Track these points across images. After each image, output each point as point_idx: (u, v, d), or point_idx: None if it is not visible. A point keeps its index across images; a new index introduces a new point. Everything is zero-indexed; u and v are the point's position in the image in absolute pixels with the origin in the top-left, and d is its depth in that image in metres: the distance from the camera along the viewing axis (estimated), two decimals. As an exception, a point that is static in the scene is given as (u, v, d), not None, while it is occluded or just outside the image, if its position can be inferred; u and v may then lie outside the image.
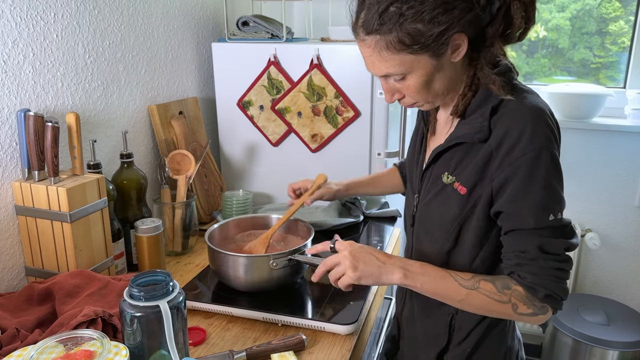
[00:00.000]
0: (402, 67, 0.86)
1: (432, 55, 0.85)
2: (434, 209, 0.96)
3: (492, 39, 0.87)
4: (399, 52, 0.84)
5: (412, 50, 0.84)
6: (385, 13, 0.83)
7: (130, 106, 1.45)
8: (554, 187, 0.84)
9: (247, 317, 1.08)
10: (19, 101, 1.11)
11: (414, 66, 0.86)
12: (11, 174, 1.12)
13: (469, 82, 0.91)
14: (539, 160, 0.82)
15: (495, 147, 0.85)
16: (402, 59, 0.85)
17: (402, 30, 0.82)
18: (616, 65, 2.33)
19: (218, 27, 1.84)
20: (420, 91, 0.89)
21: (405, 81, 0.89)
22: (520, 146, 0.82)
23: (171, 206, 1.38)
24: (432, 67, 0.86)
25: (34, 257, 1.13)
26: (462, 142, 0.91)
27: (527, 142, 0.82)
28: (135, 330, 0.81)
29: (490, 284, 0.87)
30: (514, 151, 0.83)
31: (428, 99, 0.92)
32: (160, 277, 0.86)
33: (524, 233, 0.85)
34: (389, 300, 1.54)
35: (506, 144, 0.84)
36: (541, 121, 0.83)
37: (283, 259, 1.10)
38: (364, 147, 1.59)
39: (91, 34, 1.29)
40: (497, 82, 0.87)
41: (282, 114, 1.62)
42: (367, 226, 1.54)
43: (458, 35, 0.83)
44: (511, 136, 0.83)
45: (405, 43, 0.83)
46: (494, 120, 0.87)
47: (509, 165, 0.84)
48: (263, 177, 1.73)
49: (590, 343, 2.09)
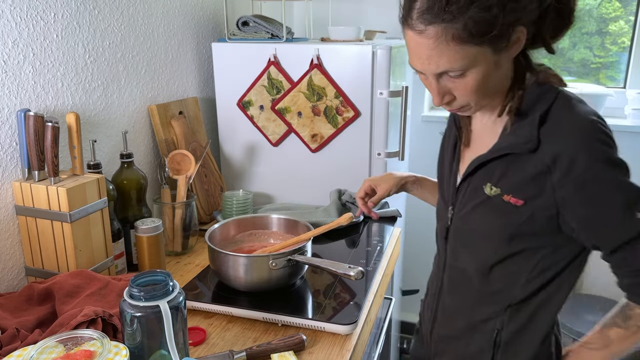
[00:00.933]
0: (465, 62, 0.78)
1: (495, 49, 0.78)
2: (475, 222, 0.91)
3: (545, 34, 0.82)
4: (465, 43, 0.76)
5: (478, 42, 0.76)
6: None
7: (130, 106, 1.45)
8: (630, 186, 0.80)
9: (247, 317, 1.08)
10: (19, 101, 1.11)
11: (476, 60, 0.78)
12: (11, 174, 1.12)
13: (519, 80, 0.86)
14: (605, 168, 0.79)
15: (552, 162, 0.81)
16: (467, 52, 0.77)
17: (470, 18, 0.74)
18: (616, 65, 2.33)
19: (218, 27, 1.84)
20: (477, 91, 0.83)
21: (463, 78, 0.81)
22: (582, 160, 0.78)
23: (171, 206, 1.38)
24: (492, 63, 0.80)
25: (34, 257, 1.13)
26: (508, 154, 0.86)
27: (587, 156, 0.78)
28: (135, 330, 0.81)
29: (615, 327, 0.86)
30: (576, 166, 0.79)
31: (481, 100, 0.86)
32: (160, 277, 0.86)
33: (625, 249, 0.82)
34: (389, 300, 1.54)
35: (565, 159, 0.79)
36: (595, 129, 0.80)
37: (283, 259, 1.10)
38: (364, 147, 1.59)
39: (91, 34, 1.29)
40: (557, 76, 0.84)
41: (282, 114, 1.62)
42: (367, 226, 1.54)
43: (520, 27, 0.78)
44: (567, 154, 0.79)
45: (473, 33, 0.75)
46: (543, 131, 0.82)
47: (573, 182, 0.80)
48: (263, 177, 1.73)
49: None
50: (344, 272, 1.02)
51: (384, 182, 1.23)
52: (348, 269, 1.02)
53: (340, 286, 1.18)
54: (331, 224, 1.20)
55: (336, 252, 1.39)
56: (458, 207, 0.95)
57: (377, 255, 1.35)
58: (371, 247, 1.40)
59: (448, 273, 1.01)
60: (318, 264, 1.08)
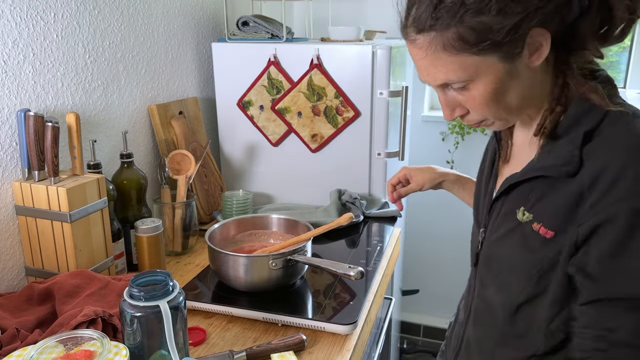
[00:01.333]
0: (465, 73, 0.69)
1: (504, 57, 0.68)
2: (505, 251, 0.79)
3: (586, 37, 0.68)
4: (460, 52, 0.68)
5: (477, 50, 0.67)
6: (442, 4, 0.67)
7: (130, 106, 1.45)
8: None
9: (247, 317, 1.08)
10: (19, 101, 1.11)
11: (479, 71, 0.69)
12: (11, 174, 1.12)
13: (557, 93, 0.72)
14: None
15: (589, 186, 0.66)
16: (464, 61, 0.69)
17: (464, 24, 0.66)
18: (616, 65, 2.33)
19: (218, 27, 1.84)
20: (489, 104, 0.72)
21: (468, 91, 0.72)
22: (621, 187, 0.63)
23: (171, 206, 1.38)
24: (504, 73, 0.69)
25: (34, 257, 1.13)
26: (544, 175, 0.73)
27: (632, 182, 0.63)
28: (135, 330, 0.81)
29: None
30: (611, 192, 0.64)
31: (500, 114, 0.74)
32: (160, 277, 0.86)
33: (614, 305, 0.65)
34: (389, 300, 1.54)
35: (602, 182, 0.65)
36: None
37: (283, 259, 1.10)
38: (364, 147, 1.59)
39: (91, 34, 1.29)
40: (600, 91, 0.69)
41: (282, 114, 1.62)
42: (367, 226, 1.54)
43: (538, 31, 0.66)
44: (610, 172, 0.64)
45: (468, 41, 0.67)
46: (587, 150, 0.68)
47: (603, 211, 0.64)
48: (263, 177, 1.73)
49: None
50: (344, 272, 1.02)
51: (419, 175, 1.13)
52: (348, 269, 1.02)
53: (340, 286, 1.18)
54: (331, 224, 1.19)
55: (336, 252, 1.39)
56: (490, 231, 0.83)
57: (377, 255, 1.35)
58: (371, 247, 1.40)
59: (475, 303, 0.89)
60: (318, 264, 1.08)
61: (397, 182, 1.19)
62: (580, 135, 0.69)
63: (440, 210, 2.46)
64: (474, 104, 0.73)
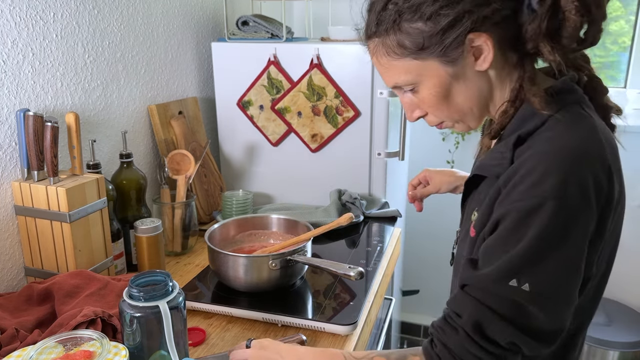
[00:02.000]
0: (409, 76, 0.74)
1: (445, 61, 0.71)
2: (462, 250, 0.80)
3: (534, 40, 0.68)
4: (402, 57, 0.72)
5: (416, 55, 0.71)
6: (383, 12, 0.71)
7: (130, 106, 1.45)
8: (541, 250, 0.62)
9: (247, 317, 1.08)
10: (19, 101, 1.11)
11: (423, 74, 0.73)
12: (10, 174, 1.12)
13: (512, 96, 0.72)
14: (536, 211, 0.62)
15: (503, 184, 0.68)
16: (407, 65, 0.73)
17: (402, 31, 0.70)
18: (617, 65, 2.33)
19: (218, 27, 1.84)
20: (438, 106, 0.75)
21: (418, 93, 0.76)
22: (520, 189, 0.64)
23: (171, 206, 1.38)
24: (447, 76, 0.72)
25: (33, 257, 1.13)
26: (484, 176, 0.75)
27: (530, 186, 0.63)
28: (135, 331, 0.81)
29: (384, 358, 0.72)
30: (512, 193, 0.65)
31: (452, 116, 0.77)
32: (160, 278, 0.86)
33: (470, 291, 0.67)
34: (389, 301, 1.54)
35: (511, 183, 0.66)
36: (562, 168, 0.62)
37: (283, 259, 1.10)
38: (364, 147, 1.59)
39: (91, 33, 1.28)
40: (540, 96, 0.68)
41: (282, 114, 1.62)
42: (367, 226, 1.54)
43: (476, 35, 0.69)
44: (519, 174, 0.65)
45: (406, 46, 0.71)
46: (517, 153, 0.69)
47: (501, 208, 0.67)
48: (263, 177, 1.73)
49: (590, 343, 2.09)
50: (344, 273, 1.02)
51: (437, 177, 1.14)
52: (348, 269, 1.02)
53: (340, 286, 1.18)
54: (331, 224, 1.19)
55: (336, 252, 1.38)
56: (460, 231, 0.86)
57: (377, 255, 1.35)
58: (371, 247, 1.40)
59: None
60: (318, 264, 1.08)
61: (418, 182, 1.19)
62: (514, 138, 0.70)
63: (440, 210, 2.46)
64: (426, 106, 0.77)
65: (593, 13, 0.66)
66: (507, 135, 0.73)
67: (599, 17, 0.66)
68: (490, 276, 0.65)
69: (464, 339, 0.66)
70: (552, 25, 0.67)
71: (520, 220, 0.64)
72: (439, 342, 0.68)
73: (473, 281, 0.67)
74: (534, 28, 0.67)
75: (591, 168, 0.64)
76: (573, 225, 0.62)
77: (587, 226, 0.64)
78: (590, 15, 0.66)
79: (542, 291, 0.63)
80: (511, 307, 0.63)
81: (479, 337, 0.65)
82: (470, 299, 0.67)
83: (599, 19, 0.66)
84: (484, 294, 0.65)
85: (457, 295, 0.69)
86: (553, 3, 0.66)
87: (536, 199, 0.62)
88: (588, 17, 0.66)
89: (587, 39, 0.68)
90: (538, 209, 0.62)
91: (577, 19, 0.65)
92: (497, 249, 0.66)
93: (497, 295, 0.64)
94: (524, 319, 0.63)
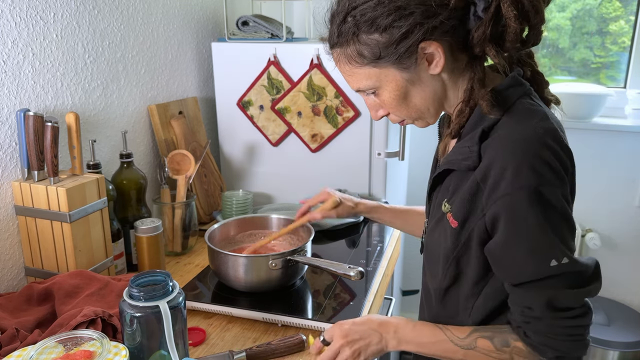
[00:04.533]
0: (369, 82, 0.80)
1: (401, 68, 0.78)
2: (435, 240, 0.87)
3: (480, 45, 0.75)
4: (362, 65, 0.79)
5: (374, 64, 0.78)
6: (343, 25, 0.78)
7: (130, 106, 1.45)
8: (548, 229, 0.71)
9: (247, 317, 1.08)
10: (19, 101, 1.11)
11: (382, 80, 0.80)
12: (11, 174, 1.12)
13: (466, 96, 0.79)
14: (526, 200, 0.71)
15: (481, 179, 0.75)
16: (367, 72, 0.80)
17: (360, 41, 0.77)
18: (616, 65, 2.33)
19: (218, 27, 1.84)
20: (398, 107, 0.82)
21: (379, 96, 0.83)
22: (504, 183, 0.72)
23: (171, 206, 1.38)
24: (403, 81, 0.79)
25: (33, 257, 1.13)
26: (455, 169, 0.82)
27: (511, 179, 0.71)
28: (135, 331, 0.81)
29: (489, 341, 0.78)
30: (498, 188, 0.72)
31: (412, 115, 0.84)
32: (160, 278, 0.86)
33: (527, 286, 0.74)
34: (389, 301, 1.54)
35: (491, 177, 0.73)
36: (529, 154, 0.71)
37: (282, 259, 1.10)
38: (364, 147, 1.59)
39: (91, 33, 1.28)
40: (486, 98, 0.76)
41: (282, 114, 1.62)
42: (367, 226, 1.54)
43: (428, 43, 0.75)
44: (495, 169, 0.73)
45: (364, 55, 0.78)
46: (484, 146, 0.76)
47: (494, 204, 0.73)
48: (263, 177, 1.73)
49: (590, 343, 2.09)
50: (343, 272, 1.02)
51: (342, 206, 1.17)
52: (348, 269, 1.02)
53: (340, 286, 1.18)
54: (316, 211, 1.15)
55: (336, 252, 1.39)
56: (429, 221, 0.92)
57: (377, 255, 1.35)
58: (371, 247, 1.40)
59: (423, 291, 0.99)
60: (318, 264, 1.08)
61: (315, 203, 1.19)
62: (479, 132, 0.77)
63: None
64: (387, 107, 0.84)
65: (532, 19, 0.73)
66: (467, 132, 0.80)
67: (538, 21, 0.74)
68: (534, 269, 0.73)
69: (548, 320, 0.74)
70: (495, 31, 0.74)
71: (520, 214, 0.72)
72: (531, 332, 0.76)
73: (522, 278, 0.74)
74: (479, 34, 0.74)
75: (552, 149, 0.72)
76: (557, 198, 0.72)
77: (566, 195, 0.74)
78: (529, 22, 0.73)
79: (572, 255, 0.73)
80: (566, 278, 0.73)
81: (557, 312, 0.74)
82: (531, 292, 0.74)
83: (538, 23, 0.74)
84: (539, 282, 0.73)
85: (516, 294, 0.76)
86: (496, 12, 0.73)
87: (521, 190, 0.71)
88: (527, 23, 0.74)
89: (529, 40, 0.76)
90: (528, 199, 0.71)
91: (517, 26, 0.72)
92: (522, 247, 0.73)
93: (549, 278, 0.73)
94: (577, 281, 0.73)
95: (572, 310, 0.74)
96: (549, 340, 0.75)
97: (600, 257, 2.39)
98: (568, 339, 0.75)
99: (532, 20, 0.73)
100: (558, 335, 0.74)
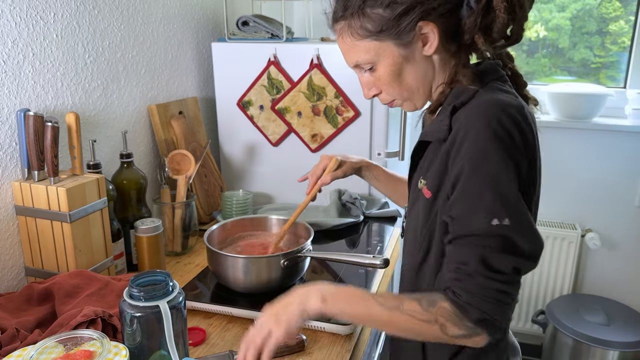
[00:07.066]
0: (368, 55, 0.86)
1: (398, 44, 0.83)
2: (412, 219, 0.90)
3: (470, 32, 0.81)
4: (364, 38, 0.85)
5: (376, 37, 0.84)
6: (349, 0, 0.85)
7: (130, 106, 1.45)
8: (497, 187, 0.74)
9: (247, 317, 1.08)
10: (19, 101, 1.11)
11: (380, 54, 0.85)
12: (11, 174, 1.12)
13: (449, 79, 0.86)
14: (485, 158, 0.74)
15: (450, 145, 0.79)
16: (368, 46, 0.85)
17: (365, 15, 0.83)
18: (616, 65, 2.33)
19: (218, 27, 1.84)
20: (392, 84, 0.88)
21: (375, 72, 0.88)
22: (467, 143, 0.76)
23: (171, 206, 1.38)
24: (399, 57, 0.85)
25: (33, 257, 1.13)
26: (429, 143, 0.87)
27: (474, 138, 0.75)
28: (135, 331, 0.81)
29: (416, 302, 0.77)
30: (462, 148, 0.76)
31: (403, 94, 0.89)
32: (160, 277, 0.86)
33: (465, 241, 0.75)
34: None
35: (457, 141, 0.77)
36: (494, 117, 0.75)
37: (282, 260, 1.10)
38: (364, 147, 1.59)
39: (91, 33, 1.28)
40: (468, 75, 0.83)
41: (282, 114, 1.62)
42: (367, 226, 1.54)
43: (425, 23, 0.81)
44: (461, 132, 0.77)
45: (368, 29, 0.84)
46: (454, 119, 0.81)
47: (455, 165, 0.77)
48: (263, 177, 1.73)
49: (590, 343, 2.09)
50: (370, 262, 1.04)
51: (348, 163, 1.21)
52: (373, 259, 1.03)
53: (340, 286, 1.18)
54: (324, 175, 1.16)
55: (336, 252, 1.38)
56: (409, 205, 0.96)
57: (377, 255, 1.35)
58: (371, 247, 1.40)
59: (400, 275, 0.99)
60: (341, 257, 1.10)
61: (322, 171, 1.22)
62: (450, 108, 0.82)
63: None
64: (381, 84, 0.89)
65: (517, 13, 0.79)
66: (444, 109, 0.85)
67: (522, 17, 0.80)
68: (475, 224, 0.74)
69: (480, 278, 0.74)
70: (485, 21, 0.81)
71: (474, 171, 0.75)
72: (461, 290, 0.76)
73: (463, 232, 0.76)
74: (471, 22, 0.81)
75: (514, 118, 0.76)
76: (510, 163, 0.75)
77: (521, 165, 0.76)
78: (515, 15, 0.79)
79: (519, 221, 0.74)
80: (504, 241, 0.74)
81: (489, 271, 0.74)
82: (467, 247, 0.76)
83: (522, 18, 0.80)
84: (477, 238, 0.75)
85: (453, 249, 0.78)
86: (487, 2, 0.79)
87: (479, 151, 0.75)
88: (513, 16, 0.80)
89: (512, 37, 0.82)
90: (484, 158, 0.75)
91: (505, 17, 0.79)
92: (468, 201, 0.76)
93: (487, 236, 0.74)
94: (514, 249, 0.74)
95: (503, 275, 0.74)
96: (476, 299, 0.74)
97: (600, 257, 2.39)
98: (495, 302, 0.74)
99: (517, 13, 0.79)
100: (486, 297, 0.74)
